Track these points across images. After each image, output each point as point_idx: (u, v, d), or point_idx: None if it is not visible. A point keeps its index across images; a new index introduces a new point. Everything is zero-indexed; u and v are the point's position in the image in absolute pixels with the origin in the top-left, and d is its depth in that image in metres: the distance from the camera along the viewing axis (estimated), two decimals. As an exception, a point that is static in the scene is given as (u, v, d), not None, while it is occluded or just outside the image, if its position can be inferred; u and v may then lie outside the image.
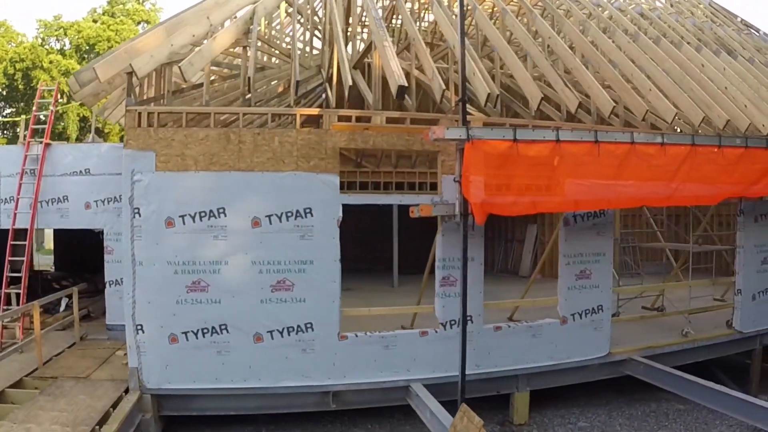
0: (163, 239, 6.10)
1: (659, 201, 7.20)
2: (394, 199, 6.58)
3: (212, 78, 7.52)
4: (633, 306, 9.14)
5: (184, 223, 6.12)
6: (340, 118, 6.35)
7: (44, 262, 16.39)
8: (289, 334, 6.26)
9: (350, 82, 6.19)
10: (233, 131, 6.18)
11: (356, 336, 6.41)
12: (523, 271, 12.91)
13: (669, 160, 6.71)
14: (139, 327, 6.14)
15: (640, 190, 6.70)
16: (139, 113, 6.12)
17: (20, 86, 23.80)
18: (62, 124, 23.73)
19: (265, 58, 8.00)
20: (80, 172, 7.86)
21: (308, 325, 6.28)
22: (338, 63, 6.39)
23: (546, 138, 5.99)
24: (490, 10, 9.96)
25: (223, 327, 6.20)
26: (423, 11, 11.05)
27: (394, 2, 8.90)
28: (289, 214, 6.20)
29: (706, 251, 9.66)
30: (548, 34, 7.59)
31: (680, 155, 6.79)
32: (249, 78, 5.66)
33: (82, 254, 11.23)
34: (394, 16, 9.81)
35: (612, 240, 7.27)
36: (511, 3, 9.67)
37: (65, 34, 24.69)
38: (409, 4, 9.87)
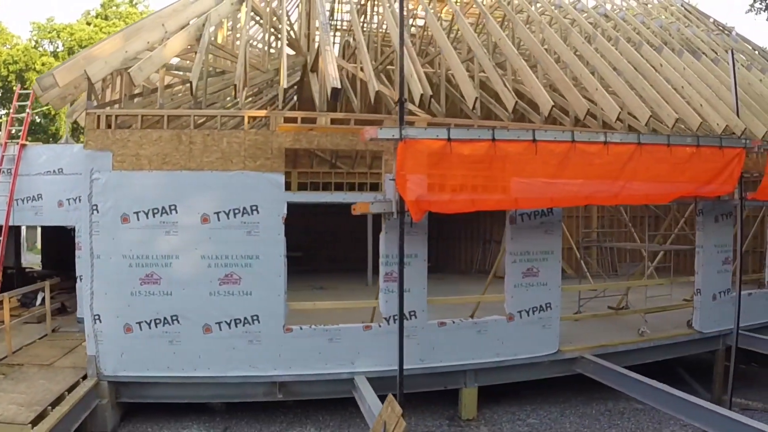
0: (119, 234, 6.60)
1: (606, 199, 7.41)
2: (338, 197, 6.96)
3: (173, 81, 8.02)
4: (602, 305, 9.33)
5: (138, 219, 6.61)
6: (287, 120, 6.78)
7: (36, 261, 17.22)
8: (236, 326, 6.69)
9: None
10: (184, 132, 6.66)
11: (301, 329, 6.81)
12: (500, 271, 13.12)
13: (613, 159, 6.93)
14: (96, 317, 6.64)
15: (584, 188, 6.93)
16: (98, 116, 6.64)
17: (14, 88, 24.98)
18: (55, 125, 24.88)
19: (229, 63, 8.51)
20: (53, 171, 8.46)
21: (254, 317, 6.70)
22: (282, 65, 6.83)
23: (481, 137, 6.31)
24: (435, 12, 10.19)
25: (174, 318, 6.66)
26: (412, 17, 11.38)
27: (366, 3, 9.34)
28: (237, 211, 6.65)
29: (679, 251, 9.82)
30: (498, 36, 7.90)
31: (625, 154, 7.00)
32: (191, 84, 6.13)
33: (67, 252, 11.90)
34: (364, 18, 10.26)
35: (560, 238, 7.52)
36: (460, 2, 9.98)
37: (58, 36, 25.82)
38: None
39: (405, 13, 11.25)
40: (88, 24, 26.76)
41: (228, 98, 8.22)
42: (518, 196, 6.67)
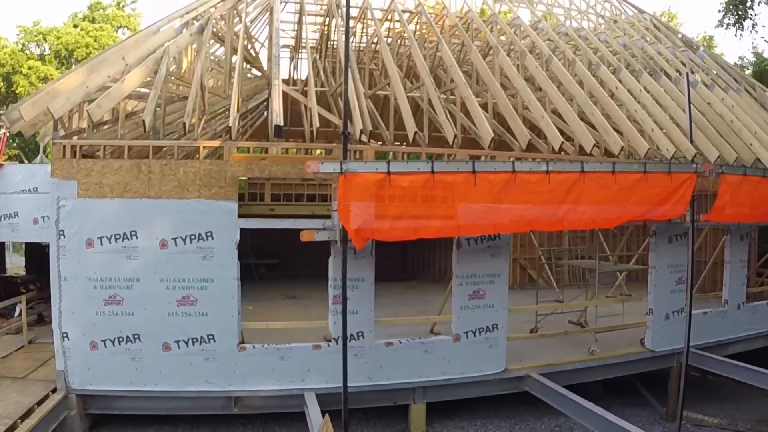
0: (84, 258, 7.27)
1: (550, 225, 7.85)
2: (288, 224, 7.55)
3: (138, 106, 8.62)
4: (563, 319, 9.80)
5: (101, 244, 7.27)
6: (239, 149, 7.36)
7: (22, 263, 18.12)
8: (193, 344, 7.34)
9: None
10: (143, 162, 7.28)
11: (254, 347, 7.44)
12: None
13: (555, 187, 7.38)
14: (65, 334, 7.35)
15: (528, 213, 7.40)
16: (64, 146, 7.29)
17: (2, 90, 25.86)
18: (39, 131, 25.76)
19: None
20: (29, 190, 9.15)
21: (210, 336, 7.34)
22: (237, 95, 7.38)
23: (420, 170, 6.83)
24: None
25: (136, 336, 7.33)
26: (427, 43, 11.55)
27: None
28: (193, 237, 7.27)
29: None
30: (450, 63, 8.35)
31: (568, 182, 7.44)
32: (144, 121, 6.73)
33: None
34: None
35: (507, 261, 8.02)
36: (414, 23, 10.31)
37: (44, 39, 26.64)
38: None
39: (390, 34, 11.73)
40: (75, 27, 27.53)
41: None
42: (461, 223, 7.16)
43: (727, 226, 9.45)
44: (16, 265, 18.07)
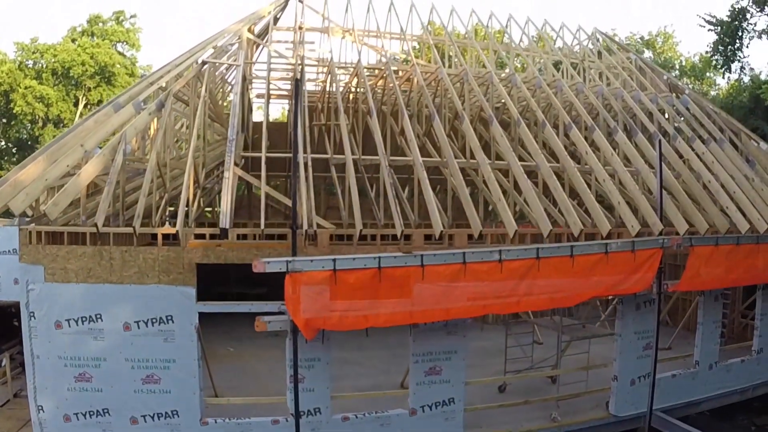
0: (54, 338, 7.76)
1: (505, 308, 7.97)
2: (244, 308, 7.86)
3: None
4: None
5: (69, 326, 7.74)
6: (197, 236, 7.63)
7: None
8: (159, 419, 7.86)
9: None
10: (105, 249, 7.63)
11: (215, 421, 7.90)
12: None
13: (509, 274, 7.47)
14: (40, 407, 7.94)
15: (481, 300, 7.56)
16: (30, 231, 7.68)
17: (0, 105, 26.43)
18: (38, 146, 26.52)
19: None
20: (9, 251, 9.64)
21: (174, 412, 7.83)
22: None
23: (367, 266, 7.00)
24: None
25: (105, 410, 7.87)
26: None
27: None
28: (154, 321, 7.67)
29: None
30: (410, 137, 8.30)
31: (522, 269, 7.52)
32: (97, 223, 7.01)
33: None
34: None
35: (465, 338, 8.19)
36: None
37: (42, 57, 26.97)
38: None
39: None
40: (73, 41, 27.73)
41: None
42: (413, 309, 7.38)
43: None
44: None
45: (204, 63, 8.72)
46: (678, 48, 27.11)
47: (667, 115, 10.53)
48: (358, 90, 10.42)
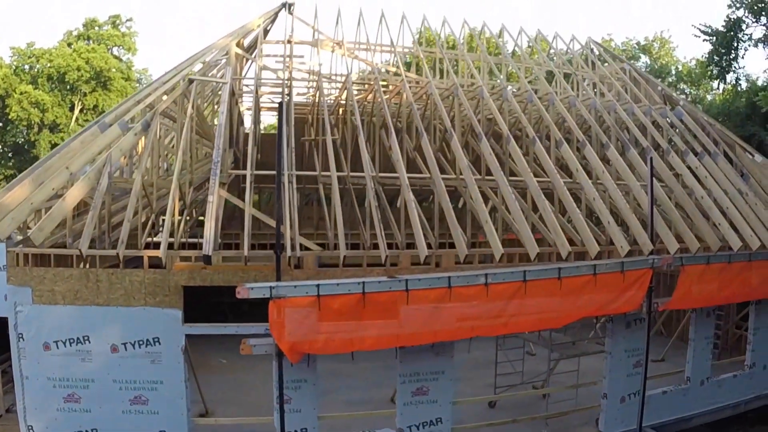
0: (43, 360, 7.82)
1: (493, 330, 7.94)
2: (231, 329, 7.88)
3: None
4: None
5: (57, 348, 7.80)
6: (182, 258, 7.63)
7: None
8: (147, 439, 7.93)
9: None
10: (91, 271, 7.66)
11: (204, 443, 8.00)
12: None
13: (495, 297, 7.45)
14: (30, 427, 8.02)
15: (468, 322, 7.55)
16: (17, 253, 7.72)
17: None
18: (34, 151, 26.66)
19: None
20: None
21: (162, 432, 7.91)
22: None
23: (351, 291, 6.99)
24: None
25: (94, 430, 7.94)
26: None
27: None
28: (141, 343, 7.71)
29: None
30: (397, 158, 8.25)
31: (508, 291, 7.49)
32: (81, 249, 7.02)
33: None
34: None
35: (452, 358, 8.19)
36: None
37: (37, 61, 26.97)
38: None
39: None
40: (69, 45, 27.71)
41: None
42: (400, 333, 7.38)
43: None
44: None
45: (191, 81, 8.68)
46: (675, 53, 27.08)
47: (661, 128, 10.40)
48: (348, 103, 10.36)
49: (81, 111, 28.62)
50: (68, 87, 26.67)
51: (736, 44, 12.71)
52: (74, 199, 7.43)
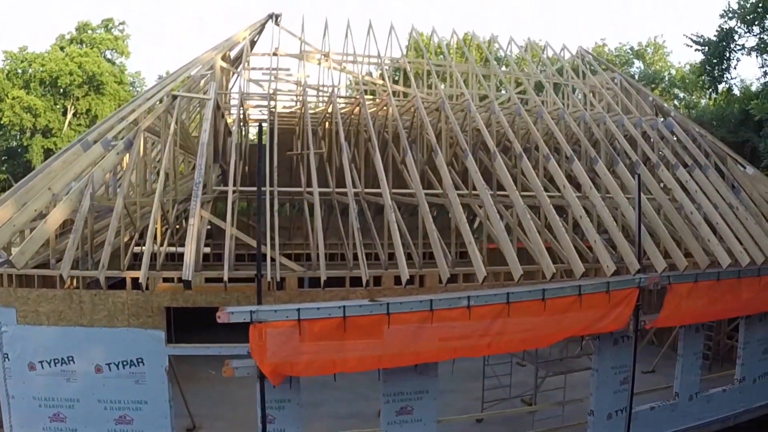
0: (28, 379, 7.89)
1: (478, 351, 7.92)
2: (214, 350, 7.90)
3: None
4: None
5: (42, 368, 7.85)
6: (165, 280, 7.65)
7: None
8: (133, 458, 7.99)
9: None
10: (75, 292, 7.70)
11: (189, 461, 8.05)
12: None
13: (477, 320, 7.43)
14: (17, 446, 8.11)
15: (451, 343, 7.54)
16: (1, 274, 7.75)
17: None
18: (27, 156, 26.69)
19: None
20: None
21: (147, 452, 7.96)
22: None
23: (331, 315, 6.98)
24: None
25: (80, 450, 8.02)
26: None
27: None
28: (125, 363, 7.75)
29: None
30: (381, 176, 8.18)
31: (491, 314, 7.47)
32: (63, 273, 7.03)
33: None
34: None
35: (436, 378, 8.19)
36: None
37: (30, 66, 26.92)
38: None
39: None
40: (62, 49, 27.66)
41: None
42: (382, 354, 7.38)
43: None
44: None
45: (175, 96, 8.65)
46: (669, 58, 26.96)
47: (651, 140, 10.30)
48: (333, 120, 10.32)
49: (74, 115, 28.60)
50: (61, 91, 26.70)
51: (728, 54, 12.58)
52: (56, 221, 7.46)
